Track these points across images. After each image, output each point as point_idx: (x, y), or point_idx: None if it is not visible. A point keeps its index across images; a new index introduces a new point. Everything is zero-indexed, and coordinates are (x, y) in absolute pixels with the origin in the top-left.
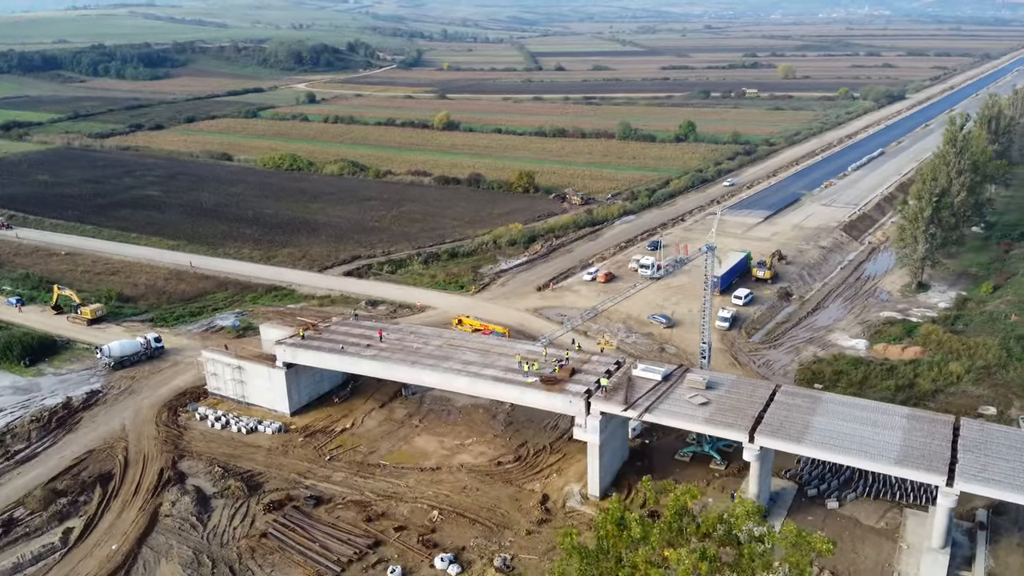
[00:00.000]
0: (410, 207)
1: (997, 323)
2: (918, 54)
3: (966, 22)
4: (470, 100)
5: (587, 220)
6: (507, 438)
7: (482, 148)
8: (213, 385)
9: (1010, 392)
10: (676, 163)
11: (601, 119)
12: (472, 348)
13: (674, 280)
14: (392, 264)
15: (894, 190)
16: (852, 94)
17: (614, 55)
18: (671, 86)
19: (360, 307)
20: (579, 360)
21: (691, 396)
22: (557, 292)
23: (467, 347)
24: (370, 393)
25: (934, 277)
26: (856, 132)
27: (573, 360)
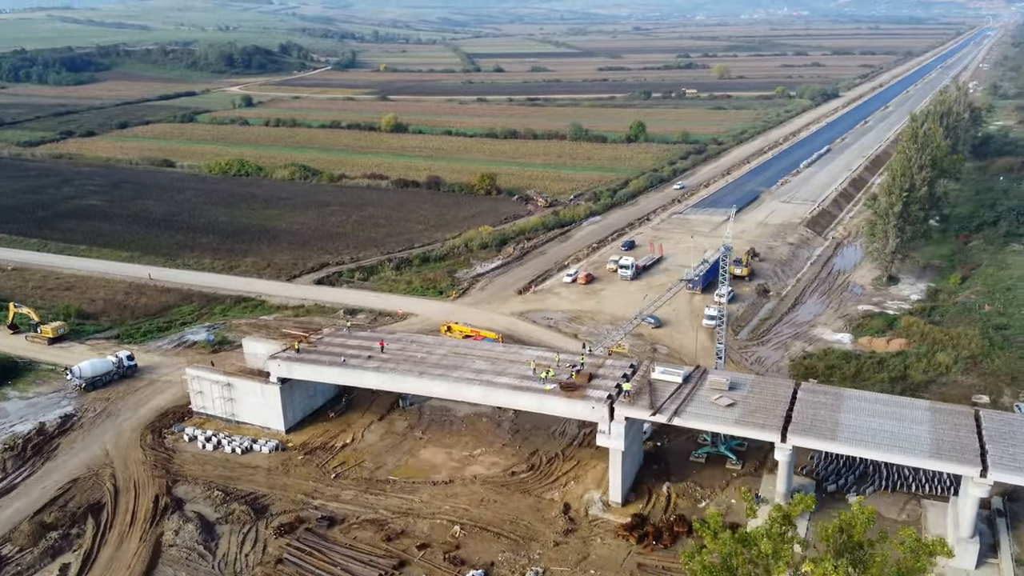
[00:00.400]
0: (371, 211)
1: (972, 313)
2: (844, 53)
3: (883, 21)
4: (413, 102)
5: (555, 222)
6: (516, 447)
7: (434, 150)
8: (198, 404)
9: (999, 380)
10: (631, 163)
11: (548, 120)
12: (480, 356)
13: (655, 279)
14: (363, 271)
15: (848, 186)
16: (789, 93)
17: (550, 56)
18: (611, 87)
19: (338, 316)
20: (594, 365)
21: (716, 398)
22: (539, 295)
23: (475, 355)
24: (366, 406)
25: (902, 270)
26: (799, 130)
27: (588, 365)
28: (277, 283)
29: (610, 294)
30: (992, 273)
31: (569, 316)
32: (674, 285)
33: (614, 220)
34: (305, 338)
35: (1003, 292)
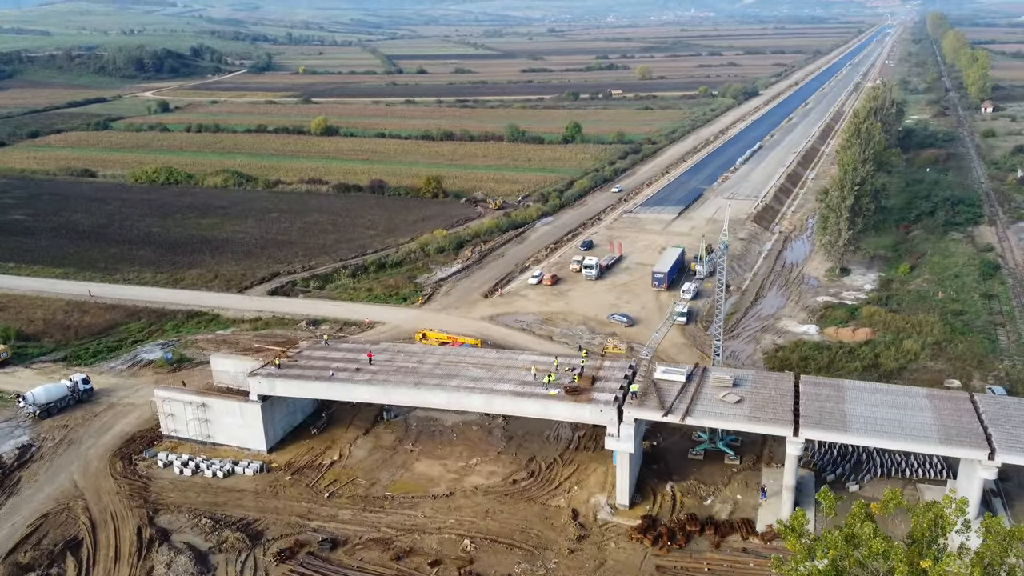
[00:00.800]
0: (316, 217)
1: (927, 301)
2: (756, 52)
3: (786, 21)
4: (338, 104)
5: (509, 223)
6: (513, 454)
7: (370, 153)
8: (169, 427)
9: (965, 364)
10: (570, 164)
11: (480, 122)
12: (474, 363)
13: (619, 279)
14: (318, 279)
15: (785, 181)
16: (711, 92)
17: (471, 58)
18: (537, 88)
19: (301, 328)
20: (593, 367)
21: (724, 395)
22: (506, 298)
23: (468, 362)
24: (348, 420)
25: (852, 261)
26: (727, 128)
27: (588, 367)
28: (228, 295)
29: (577, 294)
30: (938, 261)
31: (540, 318)
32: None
33: (566, 220)
34: (283, 352)
35: (952, 279)
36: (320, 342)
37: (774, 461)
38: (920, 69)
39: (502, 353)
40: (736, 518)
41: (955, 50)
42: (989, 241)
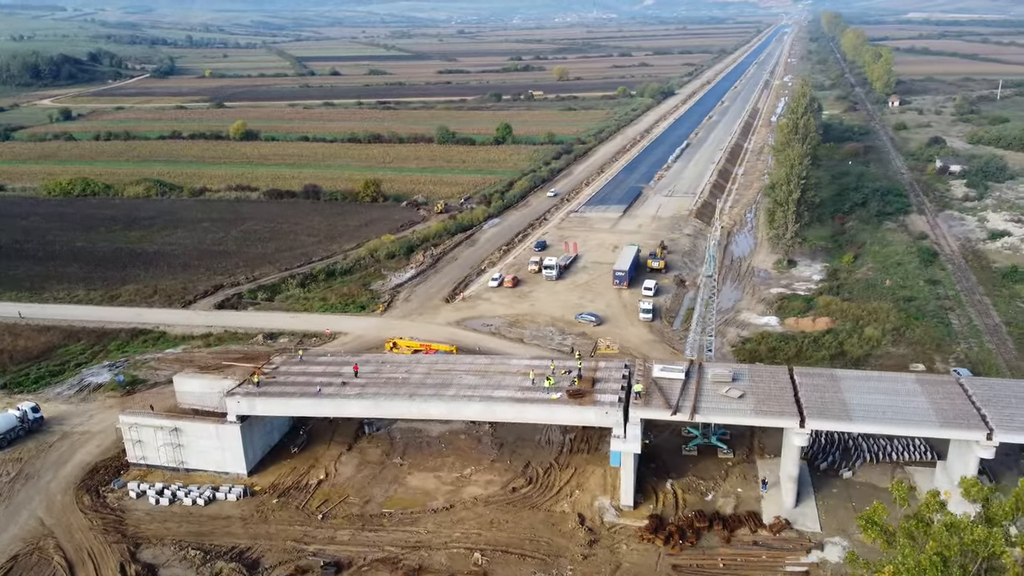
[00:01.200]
0: (251, 225)
1: (876, 289)
2: (664, 52)
3: (685, 22)
4: (253, 108)
5: (456, 226)
6: (507, 461)
7: (296, 157)
8: (136, 455)
9: (926, 349)
10: (506, 165)
11: (405, 124)
12: (466, 371)
13: (578, 278)
14: (265, 290)
15: (717, 178)
16: (630, 92)
17: (383, 59)
18: (456, 89)
19: (257, 342)
20: (589, 368)
21: (727, 390)
22: (468, 302)
23: (459, 370)
24: (329, 437)
25: (796, 253)
26: (651, 127)
27: (585, 369)
28: (172, 311)
29: (540, 295)
30: (878, 251)
31: (507, 321)
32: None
33: (512, 222)
34: (258, 369)
35: (895, 267)
36: (295, 357)
37: (766, 452)
38: (823, 66)
39: (493, 359)
40: (742, 511)
41: (854, 47)
42: (922, 229)
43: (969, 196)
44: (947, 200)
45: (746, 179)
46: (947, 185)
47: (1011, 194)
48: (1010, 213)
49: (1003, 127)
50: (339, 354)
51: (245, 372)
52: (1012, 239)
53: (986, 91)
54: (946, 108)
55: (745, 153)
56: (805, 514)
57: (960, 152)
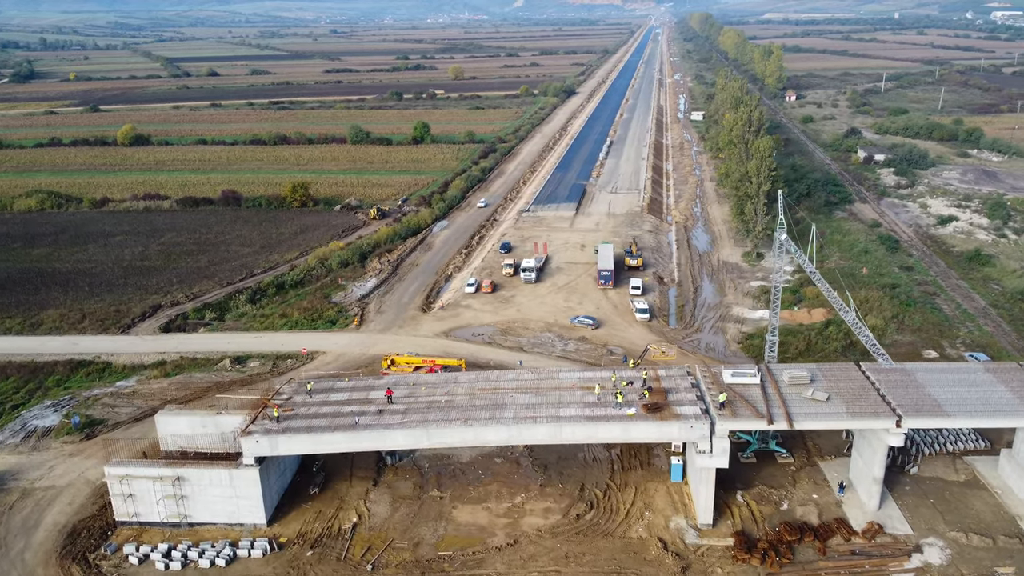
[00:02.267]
0: (172, 237)
1: (855, 278)
2: (550, 52)
3: (556, 24)
4: (133, 111)
5: (406, 230)
6: (558, 485)
7: (199, 162)
8: (127, 511)
9: (931, 335)
10: (432, 164)
11: (307, 124)
12: (513, 388)
13: (557, 280)
14: (212, 309)
15: (653, 173)
16: (532, 91)
17: (260, 59)
18: (348, 89)
19: (223, 368)
20: (651, 378)
21: (811, 393)
22: (449, 310)
23: (506, 388)
24: (346, 472)
25: (760, 245)
26: (565, 125)
27: (649, 379)
28: (111, 337)
29: (524, 300)
30: (839, 240)
31: (498, 329)
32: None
33: (462, 223)
34: (267, 402)
35: (862, 255)
36: (303, 386)
37: (825, 454)
38: (707, 64)
39: (540, 373)
40: (829, 519)
41: (736, 45)
42: (872, 217)
43: (901, 184)
44: (882, 188)
45: (679, 174)
46: (876, 174)
47: (938, 180)
48: (948, 199)
49: (907, 117)
50: (358, 377)
51: (243, 406)
52: (961, 223)
53: (868, 84)
54: (840, 101)
55: (667, 149)
56: (891, 516)
57: (873, 142)
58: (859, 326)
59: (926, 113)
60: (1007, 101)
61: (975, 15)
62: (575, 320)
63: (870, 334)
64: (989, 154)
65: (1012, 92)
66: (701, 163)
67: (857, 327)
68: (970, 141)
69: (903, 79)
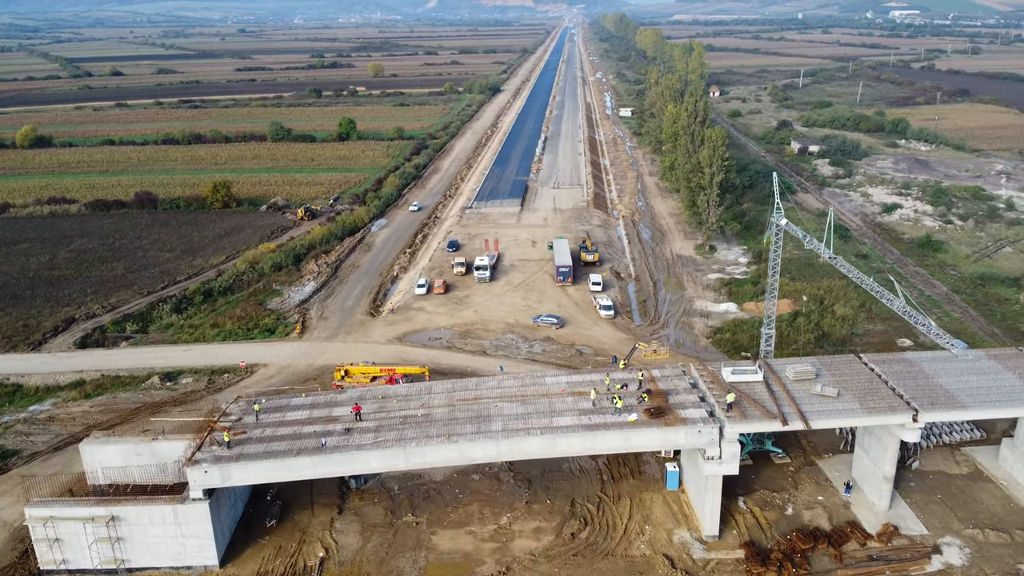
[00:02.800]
0: (82, 244)
1: (813, 267)
2: (470, 51)
3: (470, 24)
4: (32, 112)
5: (342, 229)
6: (546, 501)
7: (107, 163)
8: (53, 558)
9: (901, 323)
10: (362, 161)
11: (221, 122)
12: (497, 397)
13: (512, 277)
14: (133, 320)
15: (592, 168)
16: (457, 88)
17: (166, 59)
18: (263, 87)
19: (153, 386)
20: (647, 380)
21: (820, 389)
22: (400, 314)
23: (489, 397)
24: (305, 500)
25: (712, 238)
26: (496, 121)
27: (645, 380)
28: (19, 356)
29: (480, 300)
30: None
31: (456, 332)
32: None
33: (402, 221)
34: (212, 424)
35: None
36: (250, 405)
37: (823, 452)
38: (626, 63)
39: (523, 379)
40: (839, 523)
41: (654, 44)
42: (817, 207)
43: (839, 174)
44: (821, 178)
45: (617, 169)
46: (812, 165)
47: (873, 170)
48: (887, 187)
49: (833, 110)
50: (316, 392)
51: (183, 429)
52: (905, 211)
53: (786, 80)
54: (763, 96)
55: (602, 145)
56: (903, 516)
57: (803, 134)
58: (913, 314)
59: (847, 106)
60: (922, 94)
61: (875, 14)
62: (538, 320)
63: (931, 322)
64: (917, 144)
65: (925, 85)
66: (637, 158)
67: (911, 315)
68: (896, 132)
69: (819, 75)
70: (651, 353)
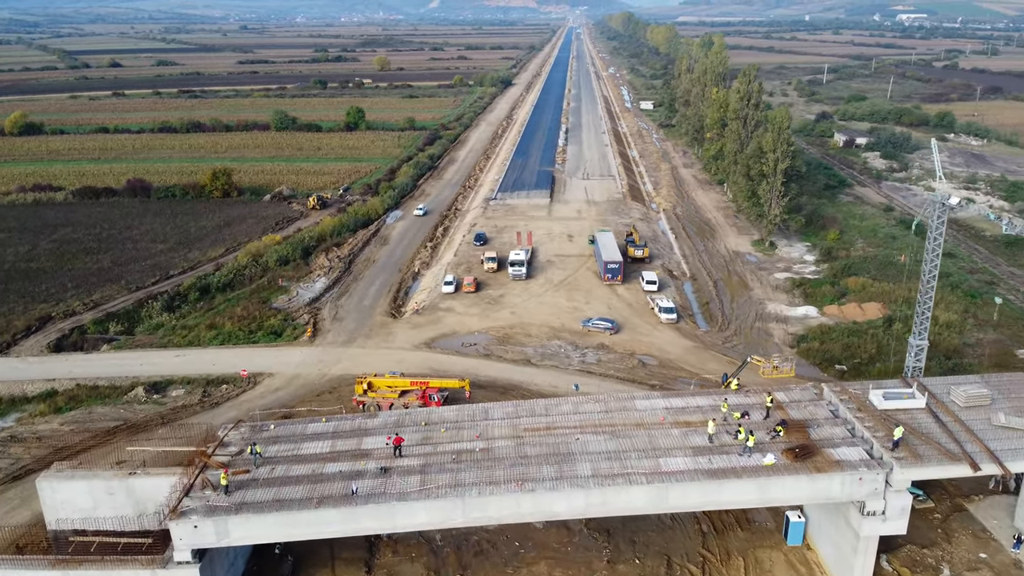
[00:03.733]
0: (67, 233)
1: (895, 266)
2: (476, 48)
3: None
4: (26, 101)
5: (355, 221)
6: (635, 560)
7: (100, 151)
8: None
9: (1016, 330)
10: (371, 151)
11: (221, 112)
12: (575, 427)
13: (552, 275)
14: (117, 320)
15: (621, 160)
16: (467, 82)
17: (167, 52)
18: (265, 79)
19: (136, 399)
20: (775, 405)
21: (1005, 419)
22: (426, 315)
23: (565, 427)
24: (321, 557)
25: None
26: (511, 113)
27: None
28: None
29: (516, 300)
30: (858, 225)
31: (494, 337)
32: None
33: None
34: (205, 458)
35: (890, 241)
36: (262, 429)
37: (970, 494)
38: (638, 60)
39: (607, 403)
40: None
41: (667, 40)
42: (880, 201)
43: (893, 168)
44: (875, 172)
45: (648, 161)
46: (861, 158)
47: (928, 163)
48: (952, 182)
49: (871, 103)
50: (340, 416)
51: (168, 461)
52: (979, 206)
53: (808, 76)
54: (789, 91)
55: (626, 136)
56: None
57: (844, 126)
58: None
59: (883, 100)
60: (953, 91)
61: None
62: (588, 323)
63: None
64: (967, 138)
65: (954, 83)
66: (668, 150)
67: None
68: (942, 126)
69: (841, 71)
70: (771, 370)
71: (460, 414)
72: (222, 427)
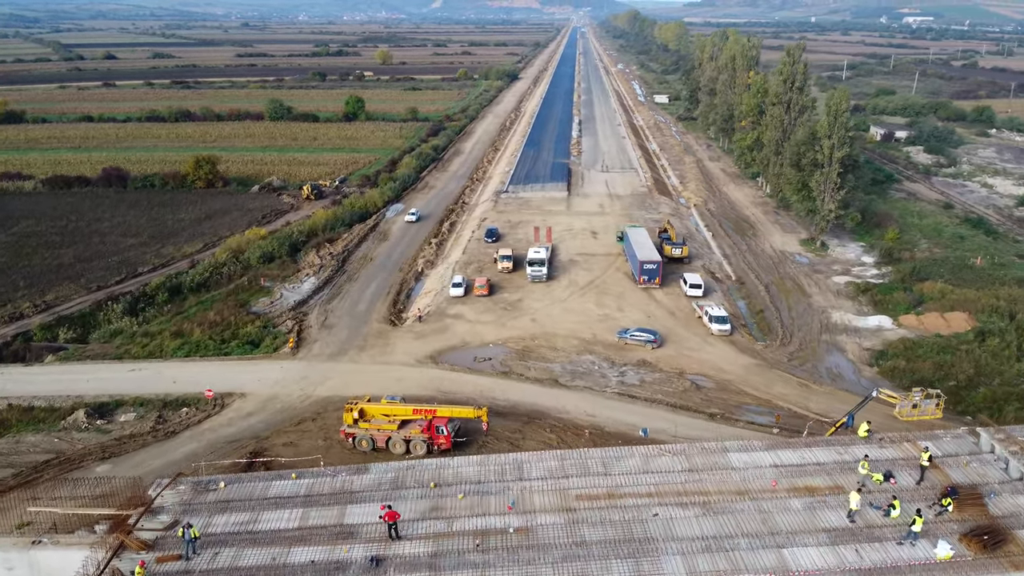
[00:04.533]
0: (29, 226)
1: (972, 270)
2: (481, 44)
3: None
4: (13, 91)
5: (350, 215)
6: None
7: (81, 139)
8: None
9: None
10: (370, 142)
11: (212, 102)
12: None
13: (576, 276)
14: (71, 325)
15: (641, 152)
16: (472, 75)
17: (165, 46)
18: (263, 72)
19: (77, 425)
20: (932, 464)
21: None
22: (431, 323)
23: (636, 495)
24: None
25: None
26: (518, 106)
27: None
28: None
29: (539, 306)
30: (918, 223)
31: (514, 351)
32: None
33: (421, 207)
34: (125, 530)
35: (957, 241)
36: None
37: None
38: (647, 56)
39: (690, 455)
40: None
41: (677, 37)
42: (935, 197)
43: (940, 163)
44: (922, 167)
45: (670, 154)
46: (904, 152)
47: (979, 159)
48: (1010, 178)
49: (903, 97)
50: (317, 470)
51: (87, 524)
52: None
53: (826, 73)
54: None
55: (643, 130)
56: None
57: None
58: None
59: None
60: (980, 87)
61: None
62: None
63: None
64: (1010, 134)
65: (979, 80)
66: (690, 143)
67: None
68: (981, 121)
69: (859, 68)
70: (910, 408)
71: (483, 469)
72: (155, 483)
